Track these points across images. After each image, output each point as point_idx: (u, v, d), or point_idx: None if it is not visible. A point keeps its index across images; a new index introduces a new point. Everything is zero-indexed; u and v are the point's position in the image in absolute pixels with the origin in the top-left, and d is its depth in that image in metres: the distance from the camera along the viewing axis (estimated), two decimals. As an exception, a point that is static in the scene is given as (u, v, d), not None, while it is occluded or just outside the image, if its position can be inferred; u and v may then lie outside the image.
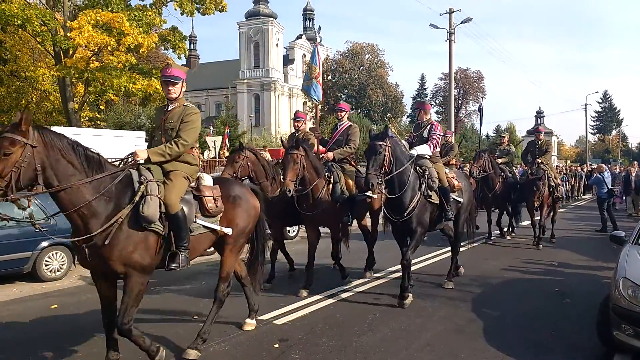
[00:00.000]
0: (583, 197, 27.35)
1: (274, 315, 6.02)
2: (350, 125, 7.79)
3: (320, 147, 8.03)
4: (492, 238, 11.77)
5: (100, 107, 23.69)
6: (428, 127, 7.02)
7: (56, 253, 8.13)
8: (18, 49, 22.14)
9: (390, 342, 5.24)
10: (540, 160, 10.98)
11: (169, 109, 4.61)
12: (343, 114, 7.84)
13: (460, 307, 6.43)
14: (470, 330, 5.61)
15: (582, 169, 29.66)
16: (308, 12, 72.82)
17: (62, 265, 8.21)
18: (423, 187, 6.40)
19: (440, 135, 7.07)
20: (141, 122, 26.31)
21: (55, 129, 12.49)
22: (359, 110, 55.12)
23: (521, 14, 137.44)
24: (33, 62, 23.06)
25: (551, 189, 11.04)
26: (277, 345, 5.09)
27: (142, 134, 16.61)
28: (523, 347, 5.12)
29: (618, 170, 23.91)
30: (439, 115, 63.13)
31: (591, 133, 73.06)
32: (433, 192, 6.50)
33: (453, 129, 26.20)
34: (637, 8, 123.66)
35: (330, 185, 7.01)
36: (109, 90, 18.05)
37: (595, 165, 16.95)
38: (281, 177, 6.94)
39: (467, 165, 22.98)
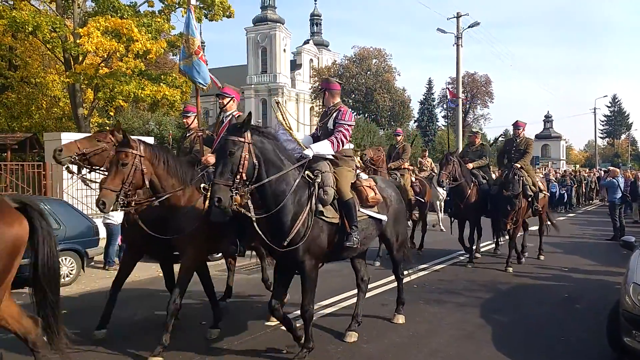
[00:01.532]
0: (591, 202, 26.53)
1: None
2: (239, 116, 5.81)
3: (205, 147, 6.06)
4: (476, 255, 10.11)
5: (110, 113, 23.83)
6: (334, 114, 5.17)
7: (65, 259, 8.18)
8: (28, 55, 22.37)
9: (399, 348, 5.23)
10: (519, 165, 9.00)
11: None
12: (227, 100, 5.99)
13: (469, 313, 6.40)
14: (479, 336, 5.58)
15: (587, 174, 28.30)
16: (315, 17, 73.00)
17: (72, 270, 8.26)
18: (313, 200, 4.68)
19: (350, 125, 5.12)
20: (150, 127, 26.52)
21: (64, 134, 12.59)
22: (366, 115, 55.10)
23: (529, 18, 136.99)
24: (43, 69, 23.28)
25: (529, 199, 9.14)
26: (285, 351, 5.09)
27: (151, 140, 16.70)
28: (533, 354, 5.09)
29: (629, 176, 23.18)
30: (447, 120, 63.04)
31: (600, 137, 72.58)
32: (328, 207, 4.75)
33: (461, 134, 26.00)
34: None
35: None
36: (118, 96, 18.17)
37: (610, 168, 15.92)
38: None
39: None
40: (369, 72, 58.39)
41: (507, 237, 9.70)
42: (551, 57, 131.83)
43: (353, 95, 58.93)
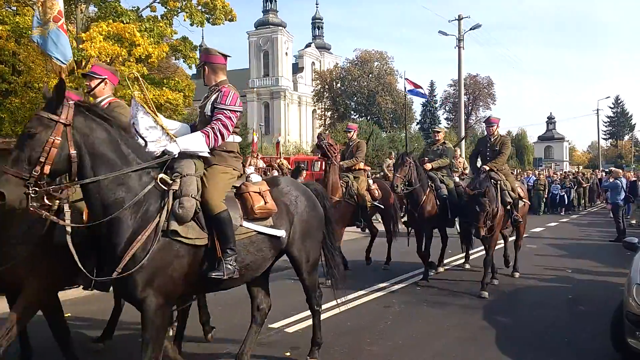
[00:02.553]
0: (593, 204, 25.71)
1: (285, 323, 6.02)
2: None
3: None
4: (439, 270, 9.07)
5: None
6: (214, 97, 3.99)
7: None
8: (31, 60, 22.44)
9: (403, 350, 5.22)
10: (488, 167, 7.74)
11: None
12: (97, 83, 4.68)
13: (473, 315, 6.39)
14: (483, 338, 5.57)
15: (588, 175, 26.94)
16: (317, 20, 73.20)
17: (76, 274, 8.28)
18: (163, 215, 3.43)
19: (234, 110, 3.89)
20: (152, 131, 26.54)
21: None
22: (369, 118, 55.17)
23: (530, 20, 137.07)
24: (46, 74, 23.36)
25: (508, 207, 7.83)
26: (288, 353, 5.10)
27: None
28: (537, 355, 5.08)
29: (629, 176, 22.44)
30: (449, 122, 63.00)
31: (603, 138, 72.38)
32: (190, 223, 3.52)
33: (463, 135, 25.94)
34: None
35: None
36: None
37: (613, 170, 15.45)
38: None
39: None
40: (371, 75, 58.49)
41: (479, 248, 8.70)
42: (553, 58, 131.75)
43: (355, 98, 59.06)
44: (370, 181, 9.07)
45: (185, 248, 3.51)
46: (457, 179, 9.00)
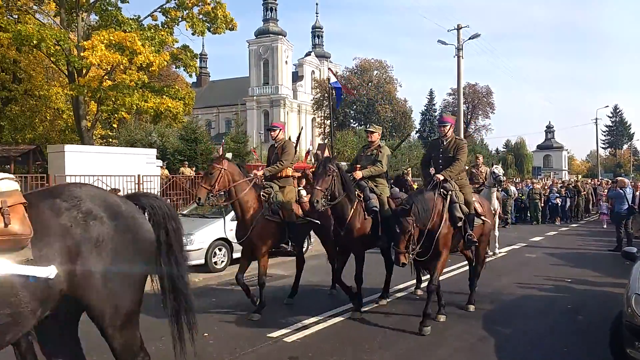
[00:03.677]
0: (589, 214, 24.19)
1: (284, 332, 6.01)
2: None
3: None
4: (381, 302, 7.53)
5: (113, 125, 24.00)
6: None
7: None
8: (32, 68, 22.59)
9: (403, 357, 5.21)
10: (442, 176, 6.38)
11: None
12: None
13: (472, 325, 6.38)
14: (482, 348, 5.56)
15: (579, 185, 24.70)
16: (317, 29, 73.56)
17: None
18: None
19: None
20: (152, 139, 26.57)
21: (68, 146, 12.75)
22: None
23: (530, 30, 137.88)
24: (47, 81, 23.48)
25: (459, 224, 6.43)
26: (287, 363, 5.08)
27: (154, 151, 16.75)
28: (536, 365, 5.07)
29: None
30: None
31: (602, 147, 72.58)
32: None
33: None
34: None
35: None
36: (121, 109, 18.30)
37: (619, 179, 14.85)
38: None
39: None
40: (370, 84, 58.70)
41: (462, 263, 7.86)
42: (552, 68, 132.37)
43: (355, 107, 59.21)
44: (303, 191, 7.74)
45: None
46: (396, 190, 7.78)
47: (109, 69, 18.61)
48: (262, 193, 6.89)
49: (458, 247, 6.90)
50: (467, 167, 8.65)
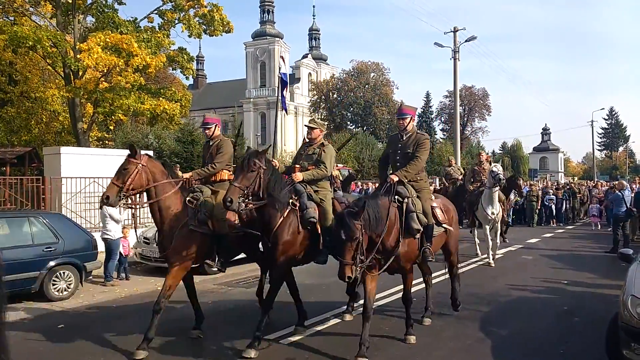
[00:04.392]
0: (585, 217, 23.31)
1: (280, 335, 6.00)
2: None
3: None
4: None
5: (109, 127, 23.90)
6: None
7: (64, 273, 8.17)
8: (28, 70, 22.50)
9: (398, 361, 5.21)
10: (396, 177, 5.49)
11: None
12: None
13: (468, 326, 6.39)
14: (478, 349, 5.57)
15: (579, 187, 24.62)
16: (314, 31, 73.60)
17: (70, 285, 8.24)
18: None
19: None
20: (149, 141, 26.54)
21: (64, 149, 12.66)
22: (365, 128, 55.38)
23: (526, 32, 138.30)
24: (43, 83, 23.39)
25: (417, 236, 5.52)
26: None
27: (150, 154, 16.71)
28: (532, 367, 5.07)
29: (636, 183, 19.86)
30: (445, 133, 63.29)
31: (598, 149, 72.84)
32: None
33: (459, 147, 25.98)
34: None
35: None
36: (117, 111, 18.25)
37: (616, 182, 14.81)
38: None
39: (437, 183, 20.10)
40: (367, 86, 58.77)
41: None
42: (548, 70, 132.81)
43: (351, 109, 59.24)
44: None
45: None
46: (340, 193, 6.72)
47: (105, 71, 18.57)
48: (188, 198, 5.81)
49: (416, 259, 5.80)
50: (469, 165, 8.36)
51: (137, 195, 5.68)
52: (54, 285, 8.04)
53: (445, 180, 14.79)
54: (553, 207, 21.01)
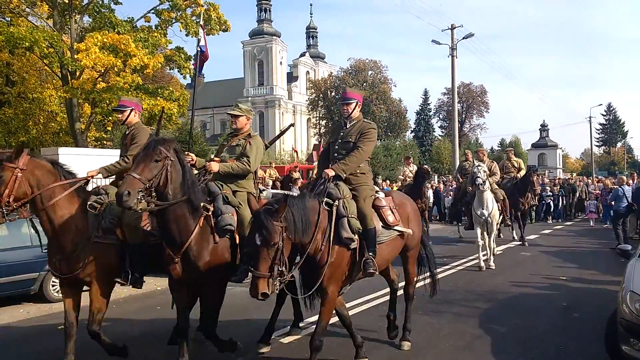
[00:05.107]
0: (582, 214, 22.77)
1: (281, 333, 6.00)
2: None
3: None
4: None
5: (107, 127, 23.89)
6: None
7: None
8: (25, 71, 22.45)
9: (398, 359, 5.22)
10: (332, 172, 4.70)
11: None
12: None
13: (467, 324, 6.39)
14: (478, 346, 5.57)
15: (578, 183, 24.28)
16: (311, 30, 73.55)
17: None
18: None
19: None
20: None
21: (62, 149, 12.63)
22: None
23: (524, 29, 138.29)
24: (40, 84, 23.34)
25: (351, 246, 4.54)
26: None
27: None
28: (531, 364, 5.08)
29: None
30: (443, 130, 63.30)
31: (596, 145, 72.82)
32: None
33: (457, 144, 25.99)
34: None
35: None
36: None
37: (617, 177, 14.75)
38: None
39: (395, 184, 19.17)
40: (365, 84, 58.73)
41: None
42: (546, 66, 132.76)
43: (350, 107, 59.13)
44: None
45: None
46: (266, 192, 5.79)
47: (102, 71, 18.56)
48: (90, 202, 4.71)
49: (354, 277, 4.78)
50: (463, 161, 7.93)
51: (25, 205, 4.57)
52: (53, 286, 8.03)
53: (460, 175, 14.67)
54: (551, 203, 21.06)
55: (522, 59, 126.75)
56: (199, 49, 8.90)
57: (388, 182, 22.43)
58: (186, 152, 4.93)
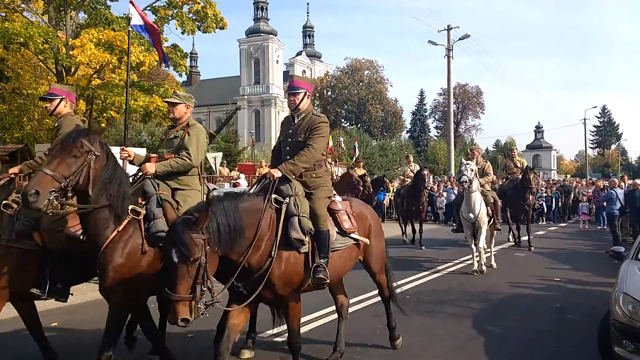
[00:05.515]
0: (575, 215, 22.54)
1: (276, 332, 5.98)
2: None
3: None
4: None
5: (102, 124, 23.83)
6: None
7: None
8: (20, 66, 22.36)
9: (392, 359, 5.22)
10: (278, 172, 4.11)
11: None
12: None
13: (462, 324, 6.40)
14: (472, 347, 5.58)
15: (569, 183, 24.38)
16: (308, 29, 73.55)
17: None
18: None
19: None
20: (142, 138, 26.46)
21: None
22: (359, 125, 55.43)
23: (520, 31, 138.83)
24: (35, 80, 23.25)
25: (302, 251, 4.01)
26: (278, 364, 5.05)
27: (143, 151, 16.66)
28: (525, 364, 5.10)
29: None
30: (439, 131, 63.47)
31: (590, 147, 73.23)
32: None
33: (452, 145, 26.08)
34: (634, 25, 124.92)
35: None
36: (110, 108, 18.21)
37: (609, 180, 14.95)
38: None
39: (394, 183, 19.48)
40: (361, 83, 58.85)
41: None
42: (541, 68, 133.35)
43: (346, 106, 59.31)
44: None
45: None
46: (217, 192, 4.85)
47: (98, 68, 18.49)
48: (4, 202, 4.16)
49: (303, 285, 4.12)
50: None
51: None
52: None
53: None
54: (544, 204, 21.09)
55: (518, 60, 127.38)
56: (130, 28, 8.37)
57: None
58: (121, 147, 4.55)
